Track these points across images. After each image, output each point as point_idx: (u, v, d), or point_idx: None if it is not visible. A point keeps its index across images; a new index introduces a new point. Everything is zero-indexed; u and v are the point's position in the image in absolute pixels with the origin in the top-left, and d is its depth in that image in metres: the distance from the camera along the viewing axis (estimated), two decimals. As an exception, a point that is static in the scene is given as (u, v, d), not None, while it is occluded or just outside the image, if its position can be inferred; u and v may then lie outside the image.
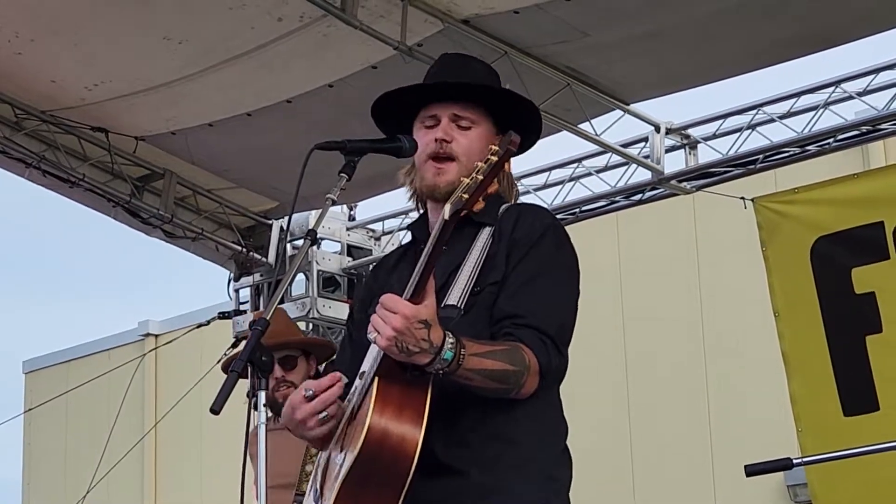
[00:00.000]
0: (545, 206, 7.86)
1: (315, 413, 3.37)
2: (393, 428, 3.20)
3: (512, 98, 3.67)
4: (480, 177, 3.13)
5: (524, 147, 3.65)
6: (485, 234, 3.47)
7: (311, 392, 3.36)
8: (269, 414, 5.73)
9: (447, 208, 3.16)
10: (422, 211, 3.74)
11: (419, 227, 3.70)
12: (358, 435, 3.21)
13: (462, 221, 3.43)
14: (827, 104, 7.15)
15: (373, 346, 3.43)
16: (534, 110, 3.68)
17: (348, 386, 3.50)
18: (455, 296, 3.38)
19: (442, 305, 3.30)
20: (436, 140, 3.55)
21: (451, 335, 3.19)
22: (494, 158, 3.13)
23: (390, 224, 8.88)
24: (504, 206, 3.58)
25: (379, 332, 3.19)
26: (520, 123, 3.60)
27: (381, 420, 3.20)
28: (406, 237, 8.77)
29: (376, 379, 3.27)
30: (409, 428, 3.21)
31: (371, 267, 8.21)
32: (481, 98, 3.61)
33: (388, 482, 3.21)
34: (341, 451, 3.36)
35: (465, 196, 3.13)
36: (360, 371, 3.43)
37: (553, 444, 3.48)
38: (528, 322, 3.36)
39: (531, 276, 3.42)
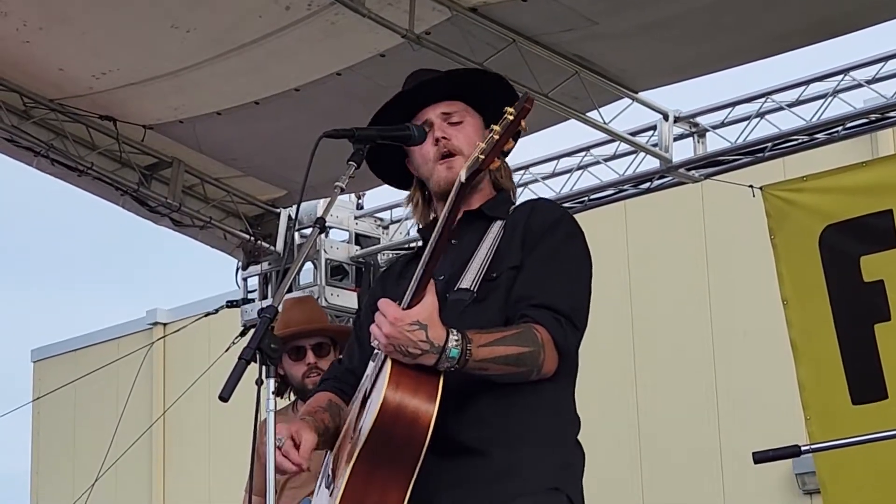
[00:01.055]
0: (553, 193, 7.91)
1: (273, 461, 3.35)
2: (408, 402, 3.22)
3: (487, 81, 3.72)
4: (496, 137, 3.15)
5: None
6: (496, 228, 3.51)
7: (281, 442, 3.35)
8: (293, 397, 5.75)
9: (462, 172, 3.21)
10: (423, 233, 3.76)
11: (431, 230, 3.71)
12: (372, 410, 3.23)
13: (473, 215, 3.48)
14: (836, 92, 7.14)
15: None
16: (511, 96, 3.70)
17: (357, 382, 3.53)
18: (468, 280, 3.41)
19: (455, 289, 3.35)
20: (436, 141, 3.58)
21: (455, 332, 3.22)
22: (510, 118, 3.16)
23: (398, 213, 8.88)
24: (515, 204, 3.65)
25: (377, 339, 3.25)
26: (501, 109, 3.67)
27: (397, 394, 3.22)
28: (415, 228, 8.79)
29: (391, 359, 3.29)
30: (423, 402, 3.23)
31: (379, 272, 8.22)
32: (462, 93, 3.67)
33: (402, 456, 3.24)
34: (353, 435, 3.38)
35: (482, 157, 3.16)
36: (374, 353, 3.45)
37: (568, 433, 3.51)
38: (542, 301, 3.39)
39: (546, 261, 3.46)
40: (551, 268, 3.45)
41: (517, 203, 3.68)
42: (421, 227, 3.79)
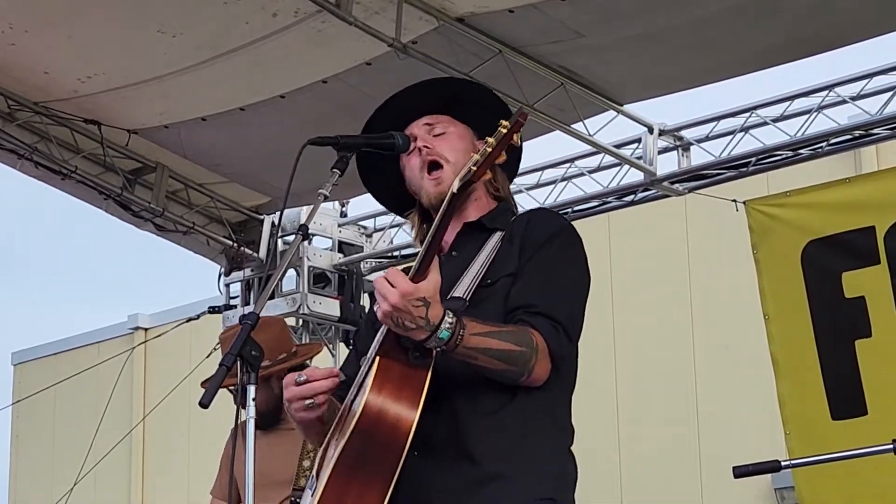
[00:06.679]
0: (537, 204, 7.90)
1: (301, 397, 3.39)
2: (389, 407, 3.21)
3: (472, 93, 3.71)
4: (489, 149, 3.14)
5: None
6: (495, 238, 3.49)
7: (303, 378, 3.38)
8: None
9: (455, 182, 3.19)
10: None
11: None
12: (355, 413, 3.23)
13: (473, 227, 3.51)
14: (820, 108, 7.16)
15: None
16: (501, 111, 3.69)
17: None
18: (462, 289, 3.40)
19: (448, 297, 3.32)
20: (419, 151, 3.58)
21: (451, 314, 3.20)
22: (504, 130, 3.13)
23: (382, 221, 8.88)
24: (516, 214, 3.63)
25: (379, 306, 3.20)
26: (490, 121, 3.65)
27: (379, 398, 3.21)
28: (398, 236, 8.80)
29: (377, 358, 3.29)
30: (405, 408, 3.22)
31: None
32: (446, 107, 3.66)
33: (381, 462, 3.22)
34: (337, 437, 3.37)
35: (474, 168, 3.14)
36: (366, 356, 3.45)
37: (562, 442, 3.50)
38: (540, 310, 3.38)
39: (544, 270, 3.45)
40: (550, 277, 3.45)
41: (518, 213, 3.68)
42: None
